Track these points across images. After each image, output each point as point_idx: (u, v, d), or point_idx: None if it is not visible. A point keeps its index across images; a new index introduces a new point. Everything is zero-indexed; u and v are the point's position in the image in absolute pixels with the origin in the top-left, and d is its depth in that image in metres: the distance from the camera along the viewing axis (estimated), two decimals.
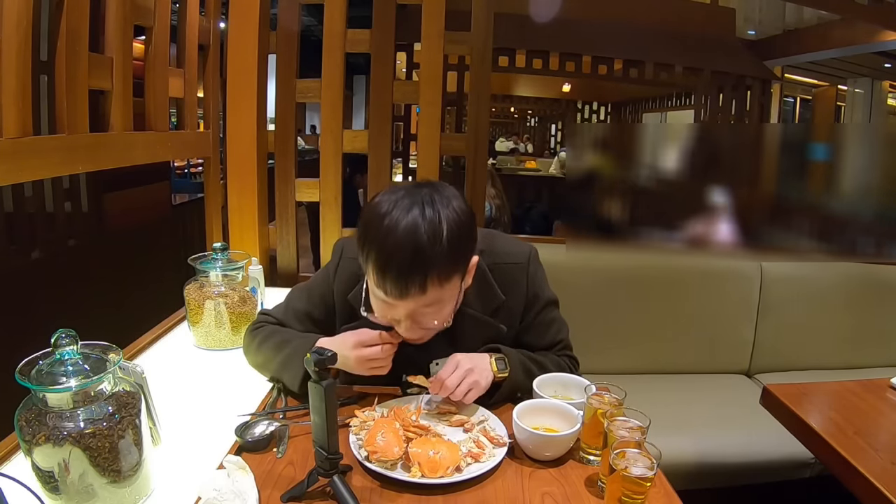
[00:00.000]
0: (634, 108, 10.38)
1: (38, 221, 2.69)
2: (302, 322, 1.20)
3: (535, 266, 1.17)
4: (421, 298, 0.94)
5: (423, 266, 0.91)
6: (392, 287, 0.92)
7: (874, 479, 1.02)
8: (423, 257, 0.91)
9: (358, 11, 1.90)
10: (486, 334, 1.14)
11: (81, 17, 1.23)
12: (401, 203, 0.93)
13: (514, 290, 1.14)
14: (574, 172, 2.37)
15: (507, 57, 5.10)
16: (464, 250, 0.98)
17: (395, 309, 0.98)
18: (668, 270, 2.12)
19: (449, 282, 0.96)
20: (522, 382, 1.10)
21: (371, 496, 0.87)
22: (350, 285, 1.14)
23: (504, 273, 1.13)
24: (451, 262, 0.94)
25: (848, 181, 2.05)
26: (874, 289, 2.20)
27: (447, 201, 0.95)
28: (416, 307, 0.97)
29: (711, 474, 1.72)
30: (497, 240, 1.18)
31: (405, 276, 0.91)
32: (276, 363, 1.14)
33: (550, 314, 1.20)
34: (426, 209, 0.92)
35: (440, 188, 0.98)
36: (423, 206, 0.92)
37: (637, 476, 0.80)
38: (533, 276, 1.16)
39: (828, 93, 9.14)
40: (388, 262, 0.91)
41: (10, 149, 1.04)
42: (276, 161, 1.98)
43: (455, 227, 0.93)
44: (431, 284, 0.93)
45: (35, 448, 0.74)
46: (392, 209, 0.92)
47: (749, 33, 6.69)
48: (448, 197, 0.96)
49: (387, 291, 0.94)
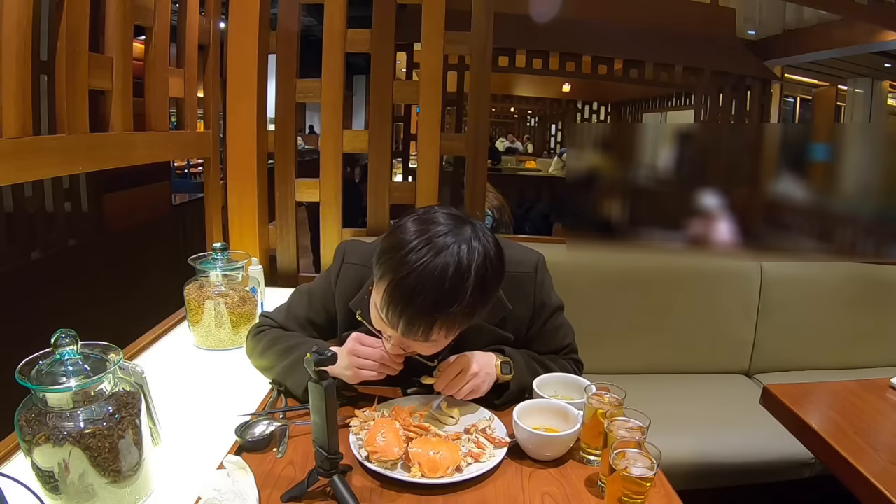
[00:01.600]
0: (634, 108, 10.38)
1: (38, 221, 2.69)
2: (303, 328, 1.20)
3: (543, 274, 1.16)
4: (421, 342, 0.94)
5: (433, 316, 0.89)
6: (395, 321, 0.91)
7: (874, 479, 1.02)
8: (437, 309, 0.88)
9: (358, 11, 1.90)
10: (491, 340, 1.14)
11: (81, 17, 1.23)
12: (435, 241, 0.88)
13: (522, 299, 1.13)
14: (574, 172, 2.37)
15: (507, 57, 5.10)
16: (484, 304, 0.94)
17: (391, 331, 0.95)
18: (668, 270, 2.12)
19: (455, 332, 0.95)
20: (529, 384, 1.10)
21: (371, 496, 0.87)
22: (352, 291, 1.13)
23: (512, 282, 1.08)
24: (465, 318, 0.92)
25: (848, 181, 2.05)
26: (874, 289, 2.20)
27: (475, 249, 0.89)
28: (418, 344, 0.96)
29: (711, 474, 1.72)
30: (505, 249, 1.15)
31: (412, 319, 0.89)
32: (279, 369, 1.14)
33: (558, 321, 1.20)
34: (457, 261, 0.87)
35: (481, 231, 0.92)
36: (455, 257, 0.87)
37: (637, 476, 0.80)
38: (540, 284, 1.15)
39: (828, 93, 9.13)
40: (400, 299, 0.88)
41: (10, 149, 1.04)
42: (276, 161, 1.98)
43: (481, 282, 0.89)
44: (436, 332, 0.91)
45: (35, 448, 0.74)
46: (424, 245, 0.87)
47: (749, 33, 6.69)
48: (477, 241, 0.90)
49: (389, 322, 0.92)
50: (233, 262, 1.43)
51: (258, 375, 1.22)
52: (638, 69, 5.20)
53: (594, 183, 2.09)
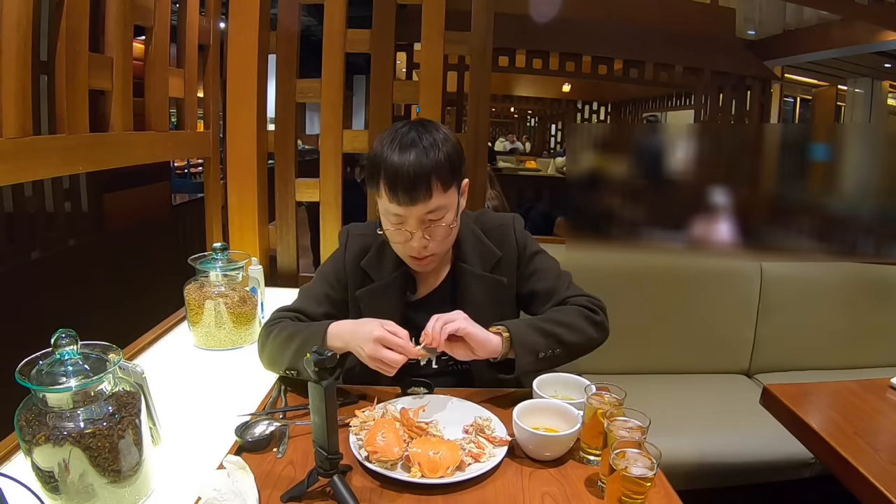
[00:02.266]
0: (634, 108, 10.38)
1: (38, 221, 2.69)
2: (320, 303, 1.23)
3: (521, 225, 1.29)
4: (428, 203, 1.08)
5: (426, 171, 1.06)
6: (403, 194, 1.06)
7: (874, 479, 1.02)
8: (425, 164, 1.06)
9: (358, 11, 1.90)
10: (487, 289, 1.22)
11: (81, 17, 1.23)
12: (401, 130, 1.11)
13: (506, 244, 1.25)
14: (574, 172, 2.37)
15: (507, 57, 5.10)
16: (457, 162, 1.12)
17: (406, 221, 1.10)
18: (668, 270, 2.11)
19: (449, 188, 1.10)
20: (535, 339, 1.10)
21: (371, 496, 0.87)
22: (360, 256, 1.24)
23: (495, 234, 1.26)
24: (448, 170, 1.09)
25: (848, 181, 2.06)
26: (874, 289, 2.20)
27: (438, 127, 1.13)
28: (424, 213, 1.09)
29: (711, 474, 1.72)
30: (486, 213, 1.33)
31: (413, 181, 1.06)
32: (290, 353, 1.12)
33: (545, 260, 1.28)
34: (422, 132, 1.10)
35: (429, 121, 1.15)
36: (419, 130, 1.10)
37: (637, 476, 0.80)
38: (520, 231, 1.27)
39: (828, 93, 9.14)
40: (397, 172, 1.06)
41: (10, 149, 1.04)
42: (276, 161, 1.98)
43: (448, 142, 1.11)
44: (435, 189, 1.07)
45: (35, 448, 0.74)
46: (395, 136, 1.10)
47: (749, 33, 6.69)
48: (437, 126, 1.14)
49: (399, 200, 1.07)
50: (233, 262, 1.43)
51: (258, 375, 1.22)
52: (638, 69, 5.20)
53: (594, 183, 2.09)
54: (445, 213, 1.11)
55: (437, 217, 1.11)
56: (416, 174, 1.06)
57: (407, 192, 1.06)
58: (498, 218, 1.29)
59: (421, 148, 1.07)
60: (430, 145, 1.08)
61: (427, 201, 1.08)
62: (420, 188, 1.06)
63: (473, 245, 1.23)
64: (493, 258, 1.23)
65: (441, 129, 1.13)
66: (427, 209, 1.09)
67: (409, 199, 1.07)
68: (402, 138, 1.09)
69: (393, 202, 1.08)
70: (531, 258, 1.26)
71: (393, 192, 1.07)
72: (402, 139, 1.09)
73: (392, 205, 1.09)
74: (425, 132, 1.10)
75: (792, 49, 6.47)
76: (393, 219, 1.12)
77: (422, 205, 1.08)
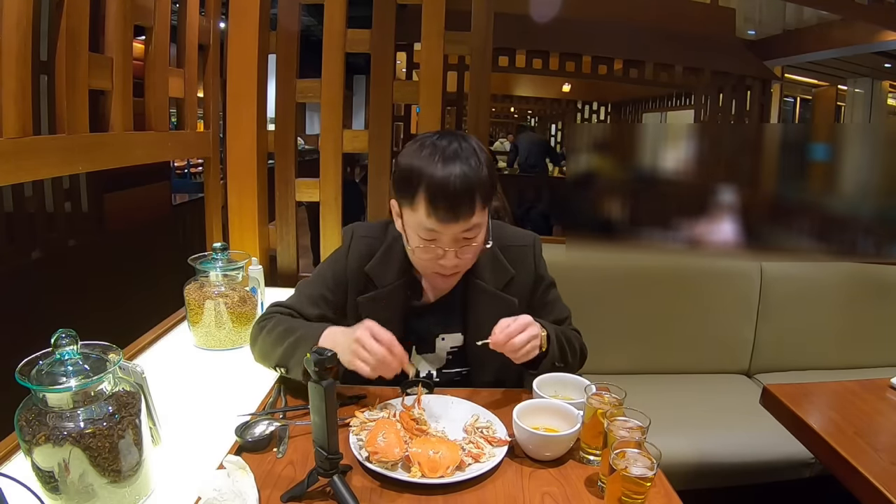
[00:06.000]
0: (634, 108, 10.38)
1: (38, 221, 2.69)
2: (316, 304, 1.21)
3: (540, 250, 1.27)
4: (469, 220, 1.03)
5: (471, 187, 1.02)
6: (445, 211, 1.01)
7: (874, 479, 1.02)
8: (471, 178, 1.02)
9: (358, 11, 1.90)
10: (497, 307, 1.18)
11: (81, 17, 1.23)
12: (439, 143, 1.05)
13: (523, 268, 1.23)
14: (574, 173, 2.37)
15: (507, 57, 5.10)
16: (495, 178, 1.09)
17: (440, 239, 1.06)
18: (668, 270, 2.11)
19: (486, 206, 1.07)
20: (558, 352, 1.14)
21: (371, 496, 0.87)
22: (365, 260, 1.20)
23: (513, 253, 1.22)
24: (490, 186, 1.06)
25: (848, 181, 2.06)
26: (874, 289, 2.20)
27: (470, 138, 1.08)
28: (461, 231, 1.05)
29: (711, 474, 1.72)
30: (505, 228, 1.29)
31: (458, 197, 1.01)
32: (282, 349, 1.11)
33: (554, 293, 1.28)
34: (461, 143, 1.05)
35: (460, 133, 1.10)
36: (458, 141, 1.05)
37: (637, 476, 0.80)
38: (538, 257, 1.25)
39: (828, 93, 9.14)
40: (443, 187, 1.00)
41: (10, 149, 1.04)
42: (276, 161, 1.98)
43: (483, 154, 1.07)
44: (478, 205, 1.03)
45: (35, 448, 0.74)
46: (434, 149, 1.04)
47: (749, 33, 6.70)
48: (468, 137, 1.09)
49: (440, 217, 1.02)
50: (233, 262, 1.43)
51: (258, 375, 1.22)
52: (638, 69, 5.20)
53: (594, 183, 2.09)
54: (479, 233, 1.08)
55: (471, 236, 1.07)
56: (462, 188, 1.01)
57: (451, 207, 1.01)
58: (519, 237, 1.26)
59: (465, 161, 1.02)
60: (472, 158, 1.03)
61: (469, 218, 1.04)
62: (464, 204, 1.02)
63: (488, 259, 1.19)
64: (507, 276, 1.21)
65: (472, 141, 1.08)
66: (466, 227, 1.05)
67: (451, 216, 1.02)
68: (443, 150, 1.03)
69: (431, 217, 1.03)
70: (547, 289, 1.26)
71: (434, 206, 1.02)
72: (444, 151, 1.03)
73: (430, 220, 1.03)
74: (464, 142, 1.06)
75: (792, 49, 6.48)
76: (425, 234, 1.06)
77: (463, 222, 1.04)
